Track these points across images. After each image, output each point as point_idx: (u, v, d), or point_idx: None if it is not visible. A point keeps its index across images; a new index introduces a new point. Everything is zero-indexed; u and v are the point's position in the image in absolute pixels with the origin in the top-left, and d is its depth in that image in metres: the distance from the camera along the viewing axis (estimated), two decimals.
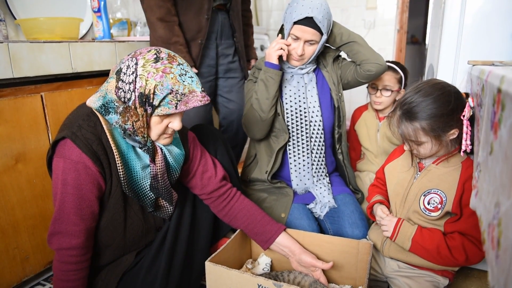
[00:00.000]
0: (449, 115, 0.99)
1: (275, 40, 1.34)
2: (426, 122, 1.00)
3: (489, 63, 1.01)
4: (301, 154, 1.43)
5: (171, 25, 1.50)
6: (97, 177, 0.92)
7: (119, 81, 0.90)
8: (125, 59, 0.92)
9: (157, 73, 0.87)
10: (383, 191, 1.27)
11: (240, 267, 1.23)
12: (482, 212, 0.66)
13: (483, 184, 0.67)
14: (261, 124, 1.37)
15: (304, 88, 1.43)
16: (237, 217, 1.16)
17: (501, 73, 0.61)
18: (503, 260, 0.49)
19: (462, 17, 1.30)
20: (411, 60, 4.60)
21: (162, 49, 0.93)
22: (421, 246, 1.07)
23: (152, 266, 1.05)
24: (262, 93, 1.34)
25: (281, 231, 1.15)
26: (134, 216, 1.03)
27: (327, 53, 1.47)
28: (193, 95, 0.91)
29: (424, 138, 1.03)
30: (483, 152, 0.69)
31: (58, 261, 0.93)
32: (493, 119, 0.62)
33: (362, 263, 1.13)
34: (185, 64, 0.93)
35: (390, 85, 1.55)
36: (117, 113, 0.90)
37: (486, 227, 0.60)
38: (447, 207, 1.06)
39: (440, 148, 1.06)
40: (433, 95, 1.00)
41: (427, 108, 0.99)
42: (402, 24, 2.99)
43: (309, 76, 1.44)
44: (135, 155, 0.97)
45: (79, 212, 0.92)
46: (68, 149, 0.90)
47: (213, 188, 1.15)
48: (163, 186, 1.01)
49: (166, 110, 0.90)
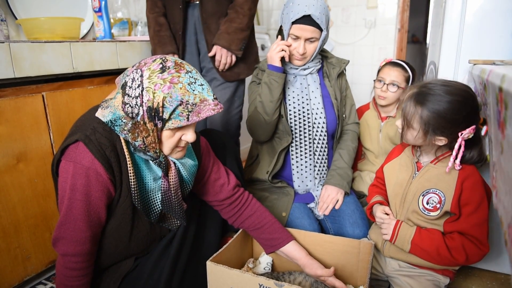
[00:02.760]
0: (450, 122, 0.99)
1: (275, 42, 1.33)
2: (427, 113, 1.00)
3: (490, 62, 1.00)
4: (304, 156, 1.42)
5: (156, 16, 1.60)
6: (108, 184, 0.89)
7: (125, 96, 0.85)
8: (129, 71, 0.87)
9: (164, 84, 0.82)
10: (382, 191, 1.27)
11: (242, 266, 1.23)
12: (502, 213, 0.64)
13: (500, 184, 0.66)
14: (266, 127, 1.36)
15: (307, 90, 1.42)
16: (246, 222, 1.15)
17: (501, 72, 0.61)
18: None
19: (463, 16, 1.29)
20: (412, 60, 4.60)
21: (168, 57, 0.87)
22: (420, 248, 1.07)
23: (155, 271, 1.03)
24: (266, 96, 1.33)
25: (288, 241, 1.12)
26: (141, 226, 1.00)
27: (332, 67, 1.47)
28: (205, 104, 0.85)
29: (415, 125, 1.03)
30: (496, 152, 0.68)
31: (62, 266, 0.91)
32: (499, 118, 0.61)
33: (363, 262, 1.13)
34: (194, 71, 0.88)
35: (397, 81, 1.55)
36: (124, 130, 0.85)
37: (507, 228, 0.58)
38: (446, 206, 1.05)
39: (423, 143, 1.07)
40: (453, 97, 0.98)
41: (439, 103, 0.99)
42: (403, 23, 2.99)
43: (313, 76, 1.43)
44: (146, 166, 0.94)
45: (87, 219, 0.89)
46: (80, 153, 0.86)
47: (226, 196, 1.12)
48: (177, 202, 0.97)
49: (178, 122, 0.85)
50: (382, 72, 1.59)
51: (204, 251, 1.14)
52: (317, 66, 1.43)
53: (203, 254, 1.12)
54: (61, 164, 0.89)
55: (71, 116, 1.39)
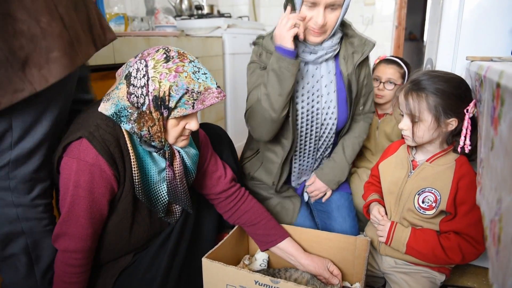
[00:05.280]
0: (456, 98, 0.98)
1: (284, 15, 1.04)
2: (433, 97, 0.99)
3: (487, 59, 1.00)
4: (306, 156, 1.29)
5: None
6: (111, 180, 0.89)
7: (130, 86, 0.86)
8: (132, 62, 0.88)
9: (170, 73, 0.83)
10: (378, 188, 1.26)
11: (238, 263, 1.23)
12: (485, 209, 0.65)
13: (486, 180, 0.67)
14: (271, 125, 1.12)
15: (320, 84, 1.17)
16: (242, 218, 1.15)
17: (500, 68, 0.61)
18: (502, 257, 0.48)
19: (461, 13, 1.29)
20: (409, 57, 4.61)
21: (171, 48, 0.88)
22: (416, 250, 1.07)
23: (152, 266, 1.03)
24: (273, 87, 1.06)
25: (284, 238, 1.13)
26: (141, 222, 1.00)
27: (352, 51, 1.19)
28: (209, 92, 0.87)
29: (425, 115, 1.01)
30: (485, 148, 0.69)
31: (62, 262, 0.91)
32: (493, 114, 0.61)
33: (359, 259, 1.13)
34: (196, 61, 0.89)
35: (394, 78, 1.55)
36: (131, 120, 0.86)
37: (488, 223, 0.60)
38: (442, 205, 1.05)
39: (436, 134, 1.03)
40: (447, 75, 1.02)
41: (438, 83, 0.99)
42: (401, 21, 2.99)
43: (328, 65, 1.17)
44: (150, 158, 0.94)
45: (89, 216, 0.89)
46: (83, 150, 0.85)
47: (222, 189, 1.12)
48: (182, 190, 0.98)
49: (183, 111, 0.86)
50: (377, 71, 1.59)
51: (201, 246, 1.14)
52: (335, 48, 1.16)
53: (200, 250, 1.13)
54: (63, 161, 0.88)
55: None
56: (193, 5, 2.80)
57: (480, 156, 0.76)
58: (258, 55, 1.18)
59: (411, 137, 1.05)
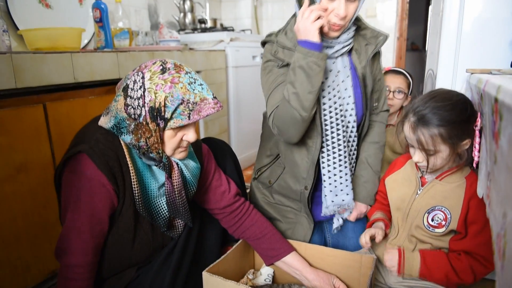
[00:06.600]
0: (466, 122, 0.96)
1: (306, 8, 1.00)
2: (444, 129, 0.95)
3: (487, 71, 1.00)
4: (337, 164, 1.15)
5: None
6: (111, 195, 0.89)
7: (127, 98, 0.87)
8: (130, 75, 0.89)
9: (165, 84, 0.85)
10: (383, 205, 1.24)
11: (242, 277, 1.22)
12: (493, 223, 0.65)
13: (493, 194, 0.66)
14: (301, 125, 1.06)
15: (338, 79, 1.12)
16: (247, 232, 1.14)
17: (497, 83, 0.61)
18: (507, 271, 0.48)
19: (460, 25, 1.30)
20: (412, 67, 4.62)
21: (168, 60, 0.90)
22: (429, 276, 1.04)
23: (156, 281, 1.03)
24: (303, 85, 1.00)
25: (289, 252, 1.12)
26: (143, 235, 1.00)
27: (365, 44, 1.16)
28: (205, 103, 0.88)
29: (442, 146, 0.97)
30: (490, 162, 0.68)
31: (64, 277, 0.90)
32: (494, 128, 0.61)
33: (364, 277, 1.11)
34: (193, 73, 0.91)
35: (402, 87, 1.58)
36: (130, 132, 0.87)
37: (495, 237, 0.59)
38: (452, 225, 1.02)
39: (452, 159, 1.01)
40: (450, 101, 0.97)
41: (445, 114, 0.96)
42: (402, 32, 3.01)
43: (343, 60, 1.13)
44: (150, 173, 0.94)
45: (90, 230, 0.89)
46: (83, 165, 0.86)
47: (227, 203, 1.12)
48: (181, 203, 0.98)
49: (179, 121, 0.87)
50: (385, 81, 1.61)
51: (205, 261, 1.13)
52: (351, 42, 1.12)
53: (204, 264, 1.11)
54: (64, 176, 0.89)
55: (72, 126, 1.39)
56: (197, 19, 2.85)
57: (487, 170, 0.75)
58: (273, 53, 1.13)
59: (427, 166, 1.02)
